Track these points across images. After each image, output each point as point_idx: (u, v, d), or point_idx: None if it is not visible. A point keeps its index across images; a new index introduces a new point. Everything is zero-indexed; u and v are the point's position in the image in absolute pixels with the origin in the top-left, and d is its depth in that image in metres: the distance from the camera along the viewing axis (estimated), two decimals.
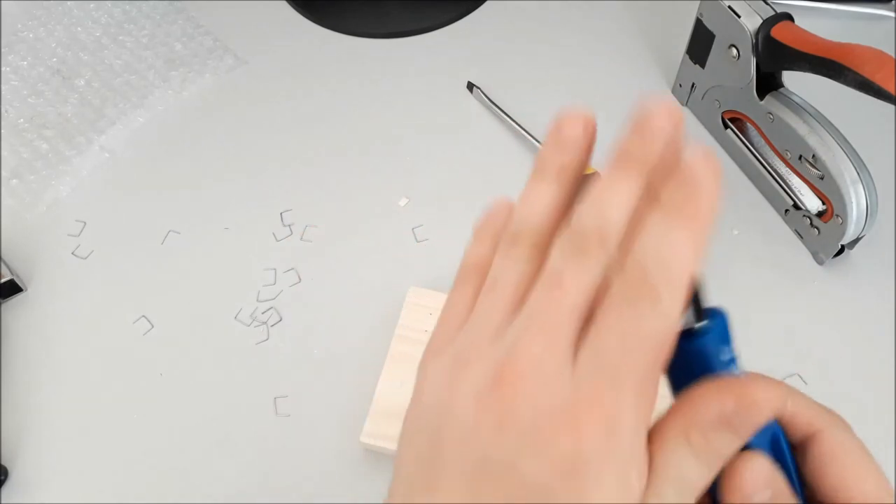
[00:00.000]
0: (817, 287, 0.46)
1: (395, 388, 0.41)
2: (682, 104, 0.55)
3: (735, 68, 0.47)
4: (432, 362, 0.25)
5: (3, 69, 0.59)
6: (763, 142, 0.48)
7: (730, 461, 0.22)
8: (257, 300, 0.47)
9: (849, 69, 0.38)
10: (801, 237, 0.48)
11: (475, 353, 0.23)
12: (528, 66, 0.58)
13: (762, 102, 0.46)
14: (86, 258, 0.49)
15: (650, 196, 0.23)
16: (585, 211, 0.23)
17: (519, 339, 0.22)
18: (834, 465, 0.24)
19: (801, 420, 0.25)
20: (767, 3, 0.45)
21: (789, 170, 0.47)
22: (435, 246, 0.49)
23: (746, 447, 0.23)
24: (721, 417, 0.22)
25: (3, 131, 0.55)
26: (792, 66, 0.43)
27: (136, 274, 0.48)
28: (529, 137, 0.52)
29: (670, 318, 0.22)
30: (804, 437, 0.25)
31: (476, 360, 0.23)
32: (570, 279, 0.22)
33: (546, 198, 0.25)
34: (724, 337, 0.25)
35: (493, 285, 0.25)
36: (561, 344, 0.22)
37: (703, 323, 0.24)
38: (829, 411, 0.25)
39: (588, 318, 0.22)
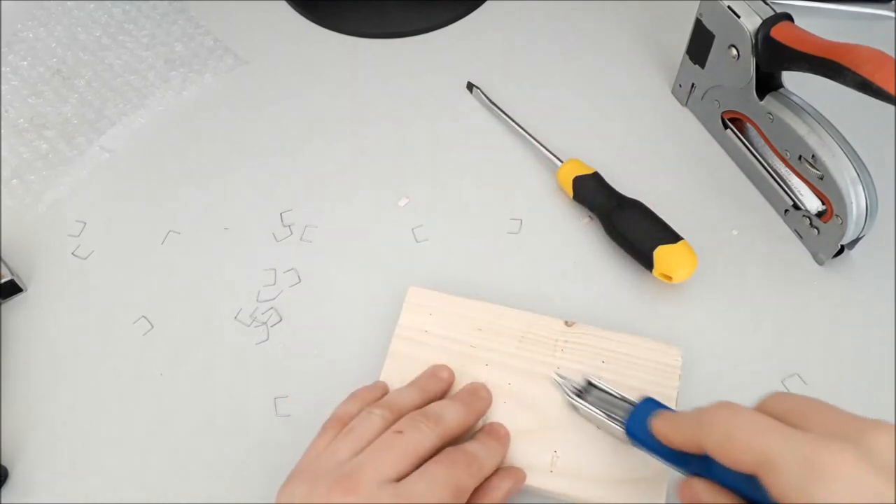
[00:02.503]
0: (817, 287, 0.46)
1: (394, 387, 0.41)
2: (682, 104, 0.55)
3: (735, 68, 0.47)
4: (290, 483, 0.34)
5: (3, 69, 0.59)
6: (763, 142, 0.48)
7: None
8: (257, 300, 0.47)
9: (848, 69, 0.38)
10: (801, 237, 0.48)
11: (323, 475, 0.33)
12: (528, 66, 0.58)
13: (762, 102, 0.46)
14: (86, 258, 0.49)
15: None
16: (430, 406, 0.37)
17: (363, 459, 0.33)
18: (729, 465, 0.29)
19: (688, 449, 0.31)
20: (767, 3, 0.45)
21: (789, 170, 0.47)
22: (435, 246, 0.49)
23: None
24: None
25: (3, 131, 0.55)
26: (792, 66, 0.43)
27: (136, 274, 0.48)
28: (529, 137, 0.52)
29: (476, 477, 0.35)
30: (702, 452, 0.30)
31: (323, 478, 0.33)
32: (408, 433, 0.34)
33: (413, 396, 0.38)
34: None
35: (350, 431, 0.35)
36: (395, 468, 0.33)
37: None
38: (693, 428, 0.31)
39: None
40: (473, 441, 0.37)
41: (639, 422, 0.35)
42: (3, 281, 0.46)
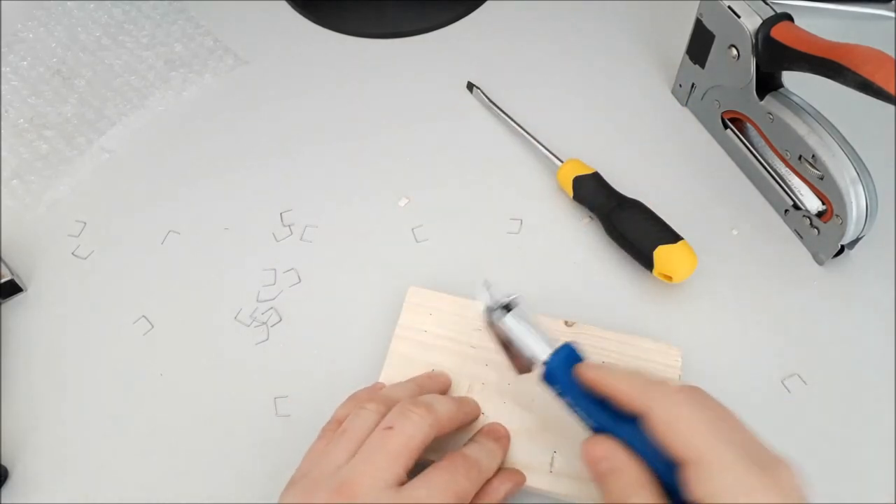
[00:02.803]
0: (817, 287, 0.46)
1: None
2: (682, 104, 0.55)
3: (735, 68, 0.47)
4: (288, 492, 0.33)
5: (3, 69, 0.59)
6: (763, 142, 0.48)
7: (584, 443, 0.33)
8: (257, 300, 0.47)
9: (849, 69, 0.38)
10: (801, 237, 0.48)
11: (321, 481, 0.32)
12: (528, 66, 0.58)
13: (762, 102, 0.46)
14: (86, 258, 0.49)
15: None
16: (421, 396, 0.36)
17: (359, 464, 0.32)
18: (656, 436, 0.31)
19: (626, 402, 0.32)
20: (767, 3, 0.45)
21: (789, 170, 0.47)
22: (435, 246, 0.49)
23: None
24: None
25: (3, 131, 0.55)
26: (792, 66, 0.43)
27: (136, 274, 0.48)
28: (529, 137, 0.52)
29: (477, 482, 0.35)
30: (639, 414, 0.32)
31: (322, 485, 0.32)
32: (399, 426, 0.33)
33: (407, 389, 0.38)
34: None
35: (344, 432, 0.35)
36: (392, 471, 0.32)
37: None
38: (652, 387, 0.32)
39: None
40: (473, 443, 0.37)
41: (559, 364, 0.35)
42: (3, 281, 0.46)
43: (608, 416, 0.33)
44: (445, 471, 0.33)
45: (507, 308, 0.37)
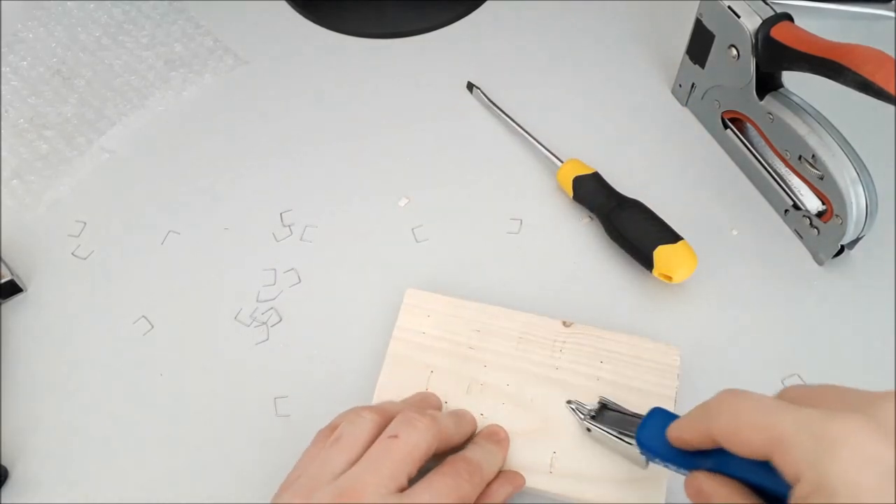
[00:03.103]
0: (817, 287, 0.46)
1: (393, 390, 0.41)
2: (682, 104, 0.55)
3: (735, 68, 0.47)
4: (282, 496, 0.33)
5: (3, 69, 0.59)
6: (763, 142, 0.48)
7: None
8: (257, 300, 0.47)
9: (849, 69, 0.38)
10: (801, 237, 0.48)
11: (320, 485, 0.32)
12: (528, 66, 0.58)
13: (762, 102, 0.46)
14: (86, 258, 0.49)
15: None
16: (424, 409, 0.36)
17: (362, 471, 0.32)
18: (733, 449, 0.28)
19: (697, 444, 0.31)
20: (767, 3, 0.45)
21: (789, 170, 0.47)
22: (435, 246, 0.49)
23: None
24: None
25: (3, 131, 0.55)
26: (792, 66, 0.43)
27: (136, 274, 0.48)
28: (529, 137, 0.52)
29: (479, 486, 0.34)
30: (713, 445, 0.30)
31: (321, 489, 0.31)
32: (404, 435, 0.33)
33: (405, 405, 0.37)
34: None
35: (340, 437, 0.34)
36: (396, 479, 0.32)
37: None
38: (705, 417, 0.30)
39: None
40: (474, 446, 0.37)
41: (649, 432, 0.34)
42: (3, 281, 0.46)
43: (708, 461, 0.31)
44: (447, 475, 0.33)
45: (596, 413, 0.39)
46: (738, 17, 0.45)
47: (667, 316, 0.45)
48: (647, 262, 0.44)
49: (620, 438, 0.36)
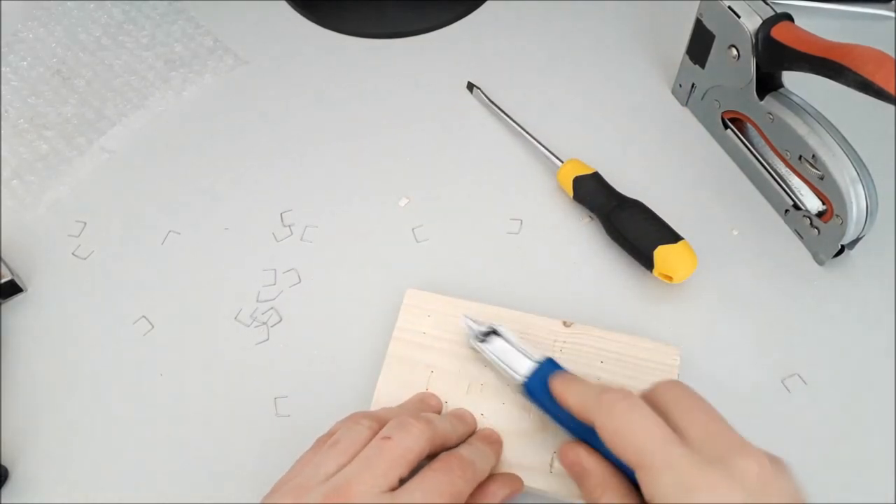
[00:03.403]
0: (817, 287, 0.46)
1: (393, 390, 0.41)
2: (683, 104, 0.55)
3: (735, 68, 0.47)
4: (272, 497, 0.33)
5: (3, 69, 0.59)
6: (763, 142, 0.48)
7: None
8: (257, 300, 0.47)
9: (849, 69, 0.38)
10: (801, 237, 0.48)
11: (312, 486, 0.32)
12: (527, 66, 0.58)
13: (762, 102, 0.46)
14: (86, 258, 0.49)
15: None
16: (420, 413, 0.37)
17: (354, 470, 0.32)
18: (607, 445, 0.32)
19: (579, 415, 0.34)
20: (767, 3, 0.45)
21: (789, 170, 0.47)
22: (435, 246, 0.49)
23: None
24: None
25: (3, 132, 0.55)
26: (792, 67, 0.43)
27: (136, 274, 0.48)
28: (529, 137, 0.52)
29: (472, 483, 0.34)
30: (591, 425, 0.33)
31: (313, 489, 0.32)
32: (397, 437, 0.33)
33: (403, 410, 0.38)
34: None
35: (336, 443, 0.34)
36: (387, 478, 0.32)
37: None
38: (593, 404, 0.33)
39: None
40: (466, 445, 0.37)
41: (538, 379, 0.37)
42: (3, 281, 0.46)
43: (581, 425, 0.34)
44: (440, 471, 0.33)
45: (488, 335, 0.40)
46: (739, 17, 0.45)
47: (667, 316, 0.45)
48: (647, 262, 0.44)
49: (505, 368, 0.39)
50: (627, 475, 0.32)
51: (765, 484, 0.29)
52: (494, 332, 0.40)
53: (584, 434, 0.35)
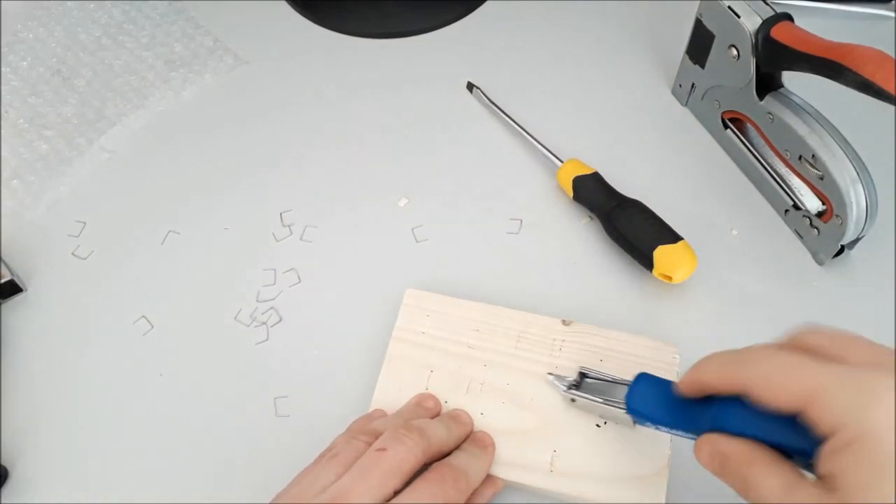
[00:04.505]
0: (817, 287, 0.46)
1: (392, 390, 0.41)
2: (682, 104, 0.55)
3: (735, 68, 0.47)
4: None
5: (3, 69, 0.59)
6: (763, 142, 0.48)
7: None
8: (257, 300, 0.47)
9: (849, 69, 0.38)
10: (801, 237, 0.48)
11: (310, 498, 0.32)
12: (527, 66, 0.58)
13: (762, 102, 0.46)
14: (86, 258, 0.49)
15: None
16: (414, 420, 0.36)
17: (348, 481, 0.32)
18: (763, 401, 0.28)
19: (722, 388, 0.30)
20: (767, 3, 0.45)
21: (789, 170, 0.47)
22: (435, 246, 0.49)
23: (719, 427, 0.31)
24: None
25: (3, 132, 0.55)
26: (792, 67, 0.43)
27: (136, 274, 0.48)
28: (529, 137, 0.52)
29: (465, 493, 0.35)
30: (739, 392, 0.30)
31: (310, 500, 0.32)
32: (392, 449, 0.33)
33: (400, 419, 0.38)
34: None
35: (333, 457, 0.35)
36: (381, 489, 0.32)
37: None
38: (734, 361, 0.30)
39: None
40: (460, 452, 0.37)
41: (638, 397, 0.35)
42: (3, 281, 0.46)
43: (702, 419, 0.32)
44: (433, 482, 0.33)
45: (577, 383, 0.40)
46: (738, 17, 0.45)
47: (667, 316, 0.45)
48: (647, 262, 0.44)
49: (607, 403, 0.37)
50: (778, 448, 0.29)
51: None
52: (582, 375, 0.40)
53: (709, 427, 0.31)
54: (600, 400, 0.38)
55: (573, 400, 0.39)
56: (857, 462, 0.25)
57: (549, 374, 0.40)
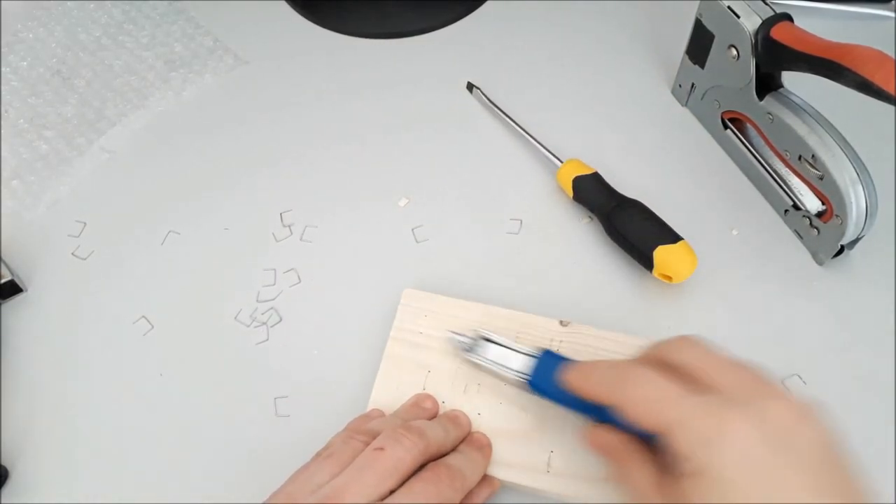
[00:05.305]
0: (817, 287, 0.46)
1: (390, 390, 0.41)
2: (682, 104, 0.55)
3: (735, 68, 0.47)
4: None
5: (3, 70, 0.59)
6: (763, 142, 0.48)
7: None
8: (257, 300, 0.47)
9: (849, 69, 0.38)
10: (801, 237, 0.48)
11: (305, 496, 0.32)
12: (527, 66, 0.58)
13: (762, 103, 0.46)
14: (86, 258, 0.49)
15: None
16: (413, 421, 0.36)
17: (344, 480, 0.32)
18: (629, 419, 0.32)
19: (600, 401, 0.33)
20: (767, 4, 0.45)
21: (789, 170, 0.47)
22: (435, 246, 0.49)
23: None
24: None
25: (3, 132, 0.55)
26: (791, 67, 0.43)
27: (137, 274, 0.48)
28: (529, 137, 0.52)
29: (461, 492, 0.35)
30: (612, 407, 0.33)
31: (305, 499, 0.32)
32: (389, 449, 0.33)
33: (398, 420, 0.38)
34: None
35: (329, 456, 0.35)
36: (378, 488, 0.32)
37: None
38: (609, 386, 0.33)
39: None
40: (456, 453, 0.37)
41: (542, 373, 0.38)
42: (3, 281, 0.46)
43: (597, 407, 0.34)
44: (429, 482, 0.33)
45: (477, 342, 0.41)
46: (738, 17, 0.45)
47: (667, 316, 0.45)
48: (647, 263, 0.44)
49: (500, 369, 0.39)
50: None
51: (788, 429, 0.28)
52: (485, 340, 0.41)
53: (601, 415, 0.35)
54: (501, 367, 0.39)
55: (472, 362, 0.41)
56: (700, 492, 0.28)
57: (451, 331, 0.41)
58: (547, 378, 0.37)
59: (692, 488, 0.28)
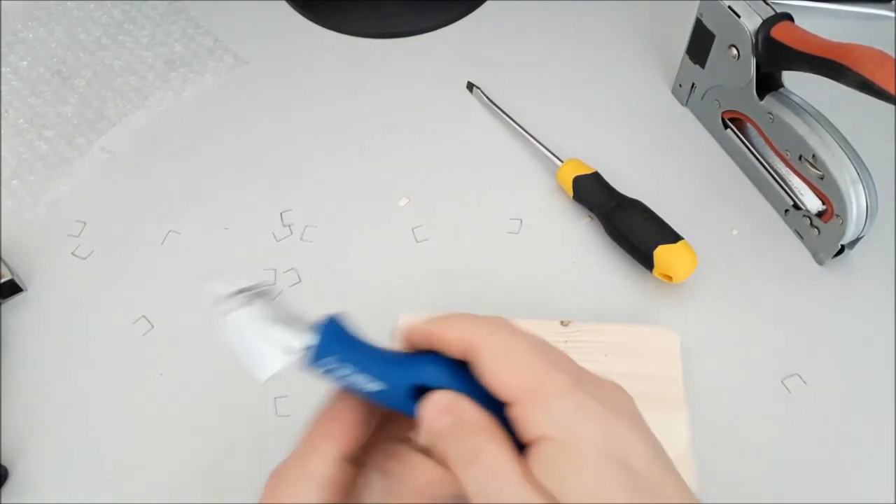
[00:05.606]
0: (817, 287, 0.46)
1: None
2: (682, 104, 0.55)
3: (735, 68, 0.47)
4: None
5: (3, 69, 0.59)
6: (763, 142, 0.48)
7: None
8: None
9: (849, 69, 0.38)
10: (801, 237, 0.48)
11: None
12: (527, 66, 0.58)
13: (762, 102, 0.46)
14: (86, 258, 0.49)
15: None
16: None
17: None
18: (485, 375, 0.27)
19: (455, 345, 0.28)
20: (767, 3, 0.45)
21: (789, 170, 0.47)
22: (435, 246, 0.49)
23: (426, 389, 0.28)
24: None
25: (3, 132, 0.55)
26: (792, 66, 0.43)
27: (136, 274, 0.48)
28: (529, 137, 0.52)
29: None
30: (468, 356, 0.28)
31: None
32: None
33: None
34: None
35: None
36: None
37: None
38: (480, 324, 0.28)
39: None
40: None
41: (332, 337, 0.31)
42: (3, 281, 0.46)
43: (401, 372, 0.29)
44: None
45: (247, 298, 0.31)
46: (739, 17, 0.45)
47: (667, 316, 0.45)
48: (647, 262, 0.44)
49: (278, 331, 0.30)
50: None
51: (629, 410, 0.28)
52: (246, 295, 0.31)
53: (410, 381, 0.29)
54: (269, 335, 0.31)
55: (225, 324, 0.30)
56: (563, 467, 0.24)
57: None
58: (339, 338, 0.31)
59: (556, 468, 0.24)
